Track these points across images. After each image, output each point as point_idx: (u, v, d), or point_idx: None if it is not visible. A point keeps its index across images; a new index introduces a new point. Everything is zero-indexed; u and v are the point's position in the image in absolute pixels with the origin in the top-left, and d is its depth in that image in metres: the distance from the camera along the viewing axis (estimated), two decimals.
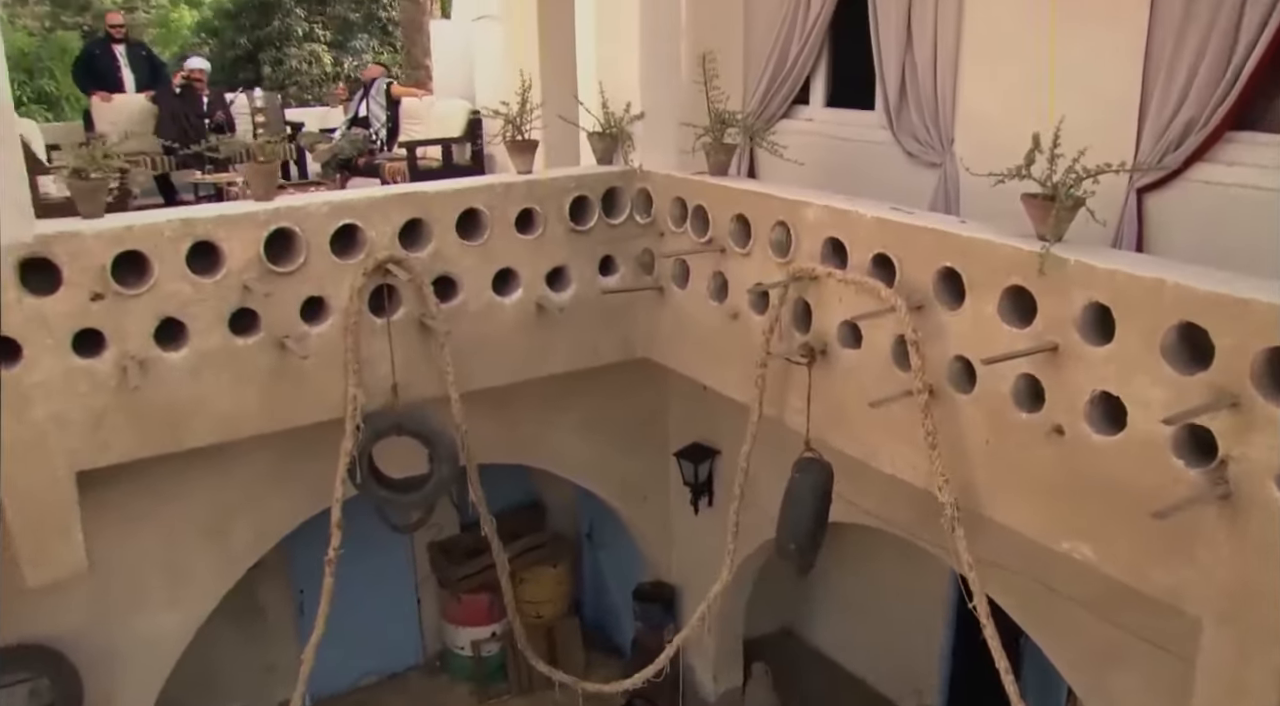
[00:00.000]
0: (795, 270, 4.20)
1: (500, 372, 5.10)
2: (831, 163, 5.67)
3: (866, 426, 4.08)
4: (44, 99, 15.29)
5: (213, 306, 4.33)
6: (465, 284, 4.88)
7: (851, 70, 5.83)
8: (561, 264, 5.13)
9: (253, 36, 21.66)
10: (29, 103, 14.72)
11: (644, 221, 5.24)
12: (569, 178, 5.07)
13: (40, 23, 23.16)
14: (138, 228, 4.15)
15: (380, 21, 22.07)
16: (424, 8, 14.68)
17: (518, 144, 5.04)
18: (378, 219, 4.59)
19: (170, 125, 9.35)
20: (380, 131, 9.26)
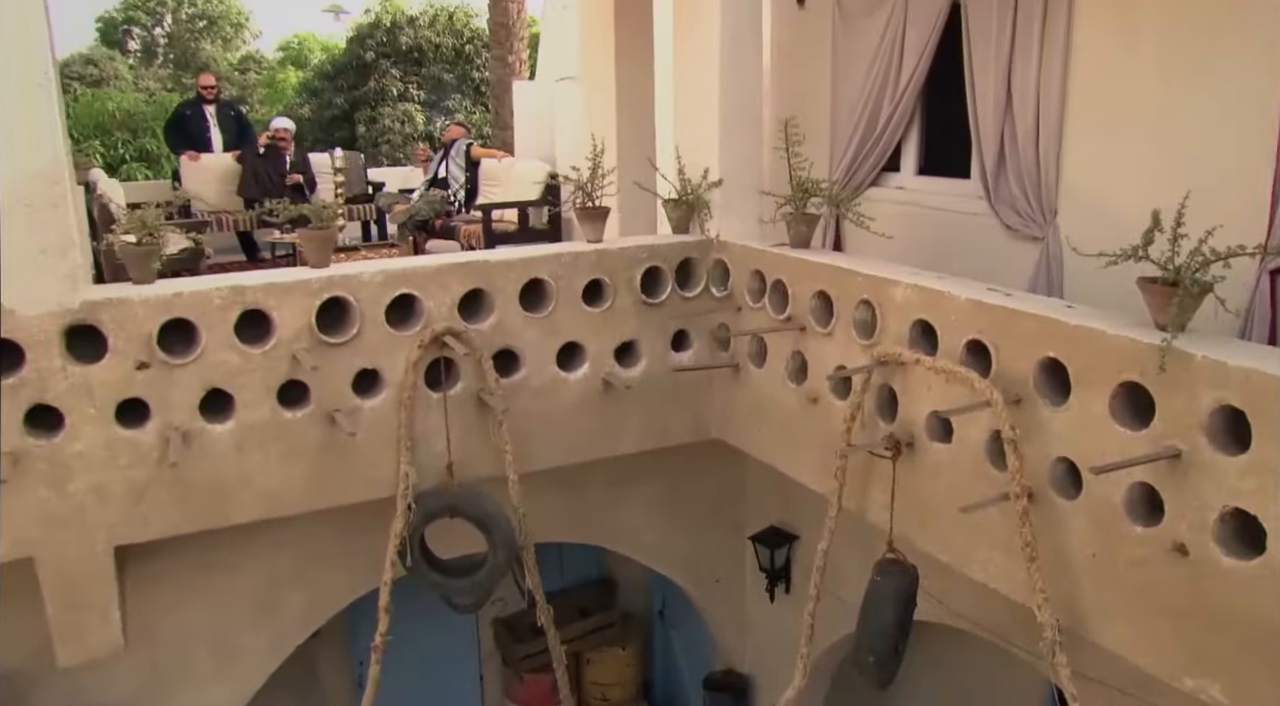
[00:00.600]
0: (880, 354, 3.86)
1: (562, 452, 4.84)
2: (922, 235, 5.33)
3: (956, 528, 3.69)
4: (145, 157, 15.76)
5: (261, 377, 4.16)
6: (528, 358, 4.64)
7: (946, 136, 5.52)
8: (631, 338, 4.86)
9: (349, 96, 22.23)
10: (131, 161, 15.17)
11: (720, 295, 4.96)
12: (641, 247, 4.82)
13: (162, 84, 24.14)
14: (186, 295, 4.00)
15: (473, 82, 22.44)
16: (513, 69, 14.75)
17: (588, 211, 4.82)
18: (436, 289, 4.39)
19: (252, 184, 9.42)
20: (459, 193, 9.19)
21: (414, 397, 4.39)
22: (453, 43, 22.39)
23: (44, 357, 3.84)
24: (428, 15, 22.39)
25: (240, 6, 28.12)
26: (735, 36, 4.83)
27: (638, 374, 4.90)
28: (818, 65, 6.11)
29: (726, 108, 4.90)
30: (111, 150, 15.17)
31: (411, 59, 22.29)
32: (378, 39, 22.06)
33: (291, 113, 22.45)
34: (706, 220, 4.98)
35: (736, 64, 4.88)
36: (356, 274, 4.27)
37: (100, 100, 16.47)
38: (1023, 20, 4.67)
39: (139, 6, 27.36)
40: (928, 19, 5.19)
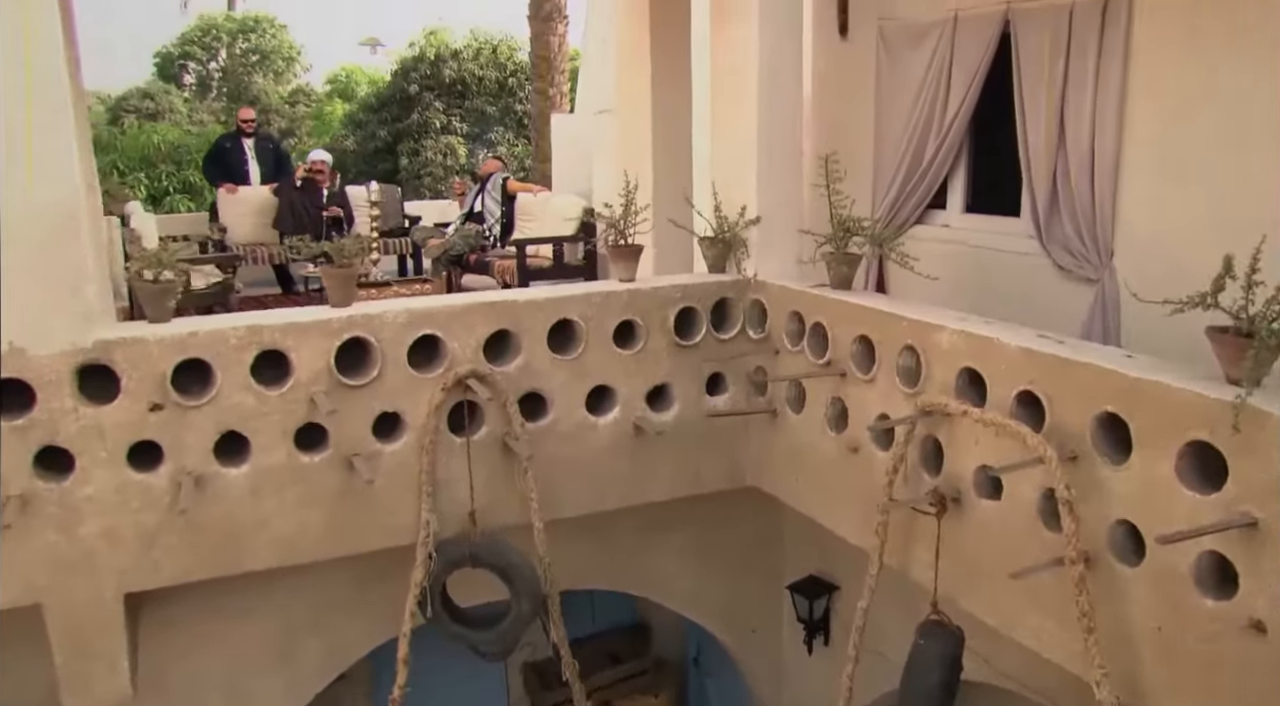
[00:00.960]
0: (925, 404, 3.64)
1: (591, 500, 4.66)
2: (970, 275, 5.12)
3: (1005, 591, 3.45)
4: (188, 189, 15.91)
5: (278, 420, 4.03)
6: (556, 401, 4.48)
7: (994, 173, 5.32)
8: (664, 382, 4.69)
9: (392, 129, 22.36)
10: (175, 193, 15.33)
11: (757, 337, 4.77)
12: (674, 287, 4.65)
13: (215, 116, 24.62)
14: (202, 334, 3.89)
15: (516, 115, 22.48)
16: (554, 102, 14.73)
17: (620, 249, 4.66)
18: (460, 329, 4.25)
19: (288, 217, 9.39)
20: (494, 227, 9.08)
21: (436, 442, 4.25)
22: (496, 76, 22.46)
23: (55, 398, 3.73)
24: (472, 48, 22.49)
25: (292, 41, 28.54)
26: (774, 68, 4.67)
27: (670, 418, 4.72)
28: (860, 98, 5.94)
29: (765, 142, 4.73)
30: (156, 182, 15.31)
31: (455, 92, 22.37)
32: (421, 72, 22.18)
33: (336, 145, 22.67)
34: (743, 259, 4.80)
35: (775, 97, 4.71)
36: (378, 313, 4.13)
37: (146, 133, 16.67)
38: (1076, 51, 4.48)
39: (195, 42, 27.96)
40: (976, 50, 5.01)
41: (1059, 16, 4.56)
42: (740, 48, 4.74)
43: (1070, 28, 4.50)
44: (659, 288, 4.63)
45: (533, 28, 14.84)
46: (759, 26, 4.62)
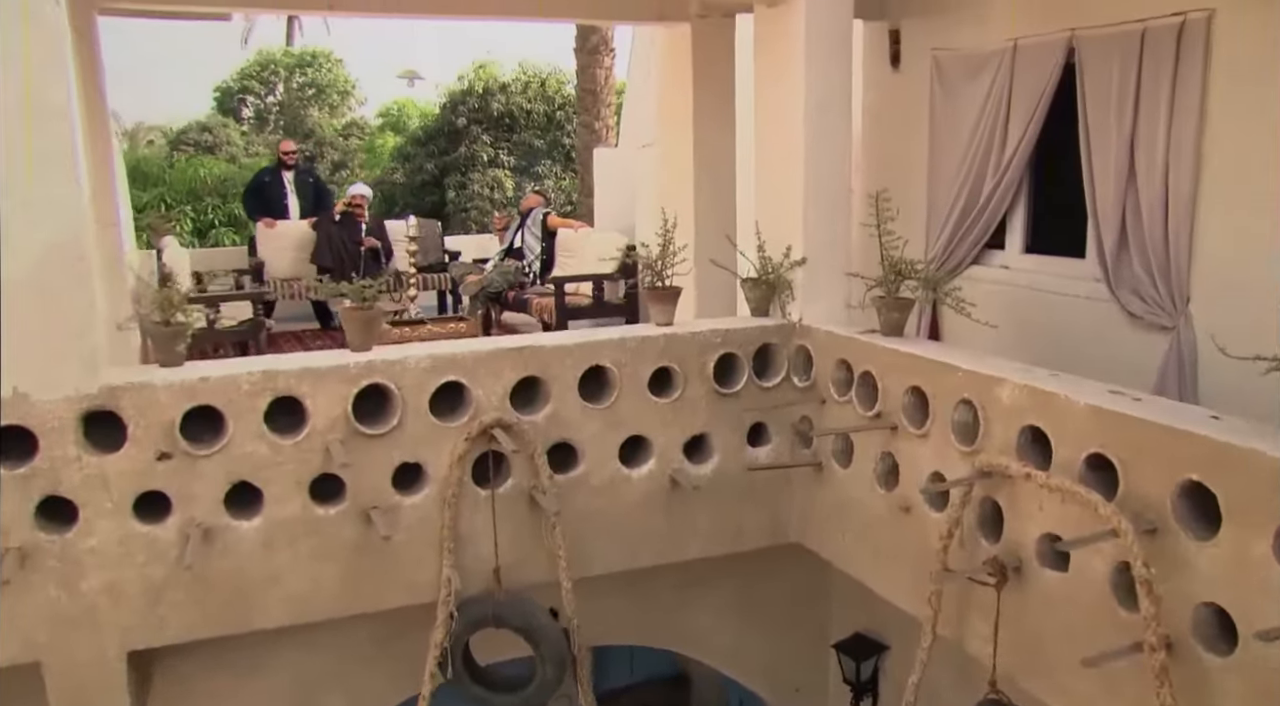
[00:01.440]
0: (983, 464, 3.36)
1: (623, 557, 4.42)
2: (1030, 320, 4.83)
3: (1073, 675, 3.14)
4: (233, 222, 16.00)
5: (292, 470, 3.84)
6: (587, 453, 4.25)
7: (1057, 211, 5.03)
8: (702, 432, 4.44)
9: (440, 162, 22.35)
10: (220, 226, 15.41)
11: (802, 385, 4.51)
12: (714, 332, 4.41)
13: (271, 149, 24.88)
14: (213, 380, 3.71)
15: (564, 148, 22.39)
16: (600, 136, 14.61)
17: (657, 292, 4.43)
18: (486, 376, 4.04)
19: (326, 251, 9.30)
20: (534, 264, 8.91)
21: (459, 495, 4.04)
22: (544, 109, 22.39)
23: (58, 446, 3.58)
24: (520, 82, 22.47)
25: (347, 75, 28.77)
26: (823, 101, 4.44)
27: (709, 471, 4.47)
28: (913, 132, 5.70)
29: (812, 179, 4.49)
30: (202, 215, 15.40)
31: (503, 125, 22.33)
32: (470, 105, 22.17)
33: (385, 177, 22.75)
34: (788, 302, 4.56)
35: (823, 131, 4.48)
36: (399, 359, 3.94)
37: (194, 166, 16.81)
38: (1149, 79, 4.20)
39: (254, 76, 28.30)
40: (1037, 81, 4.74)
41: (1129, 42, 4.29)
42: (787, 80, 4.52)
43: (1141, 54, 4.23)
44: (698, 332, 4.40)
45: (579, 60, 14.75)
46: (806, 57, 4.40)
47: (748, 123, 4.98)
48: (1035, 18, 4.83)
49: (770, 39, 4.64)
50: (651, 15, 5.63)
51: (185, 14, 7.65)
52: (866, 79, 5.92)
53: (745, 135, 5.17)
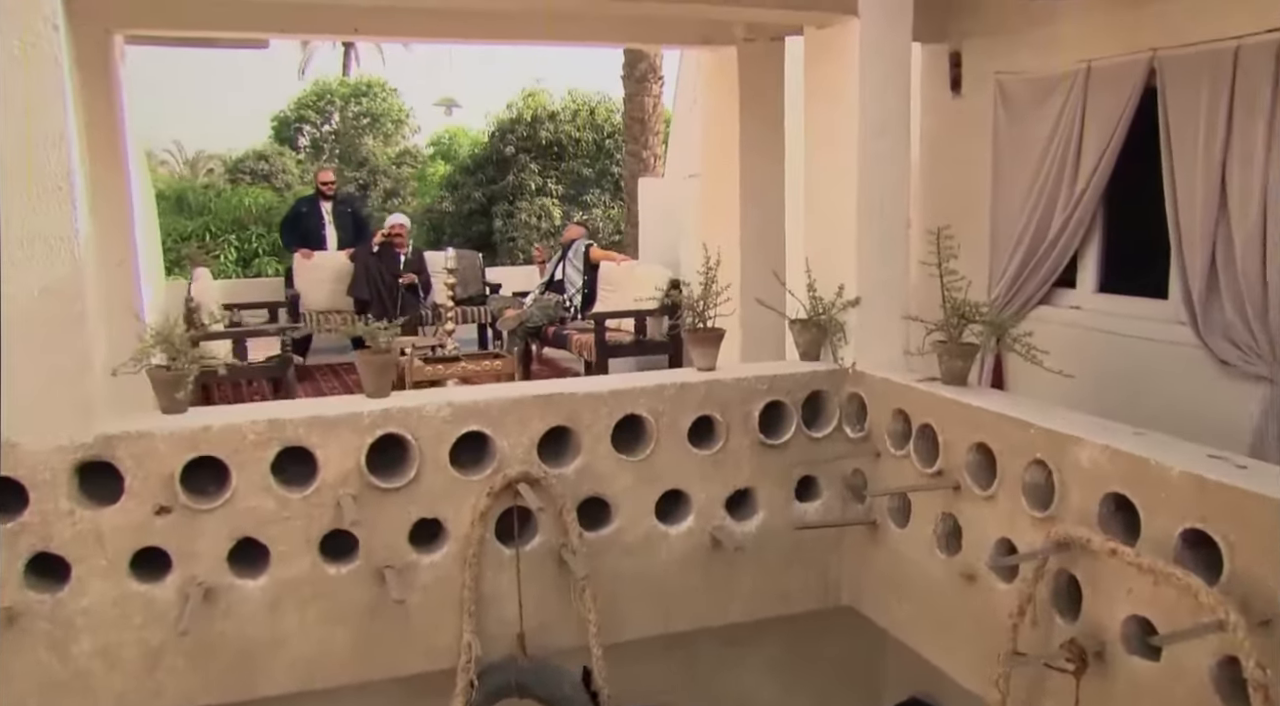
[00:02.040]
0: (1059, 536, 3.01)
1: (658, 621, 4.12)
2: (1106, 367, 4.47)
3: None
4: (277, 251, 15.97)
5: (300, 526, 3.59)
6: (620, 508, 3.96)
7: (1135, 246, 4.67)
8: (746, 486, 4.14)
9: (488, 190, 22.32)
10: (263, 255, 15.39)
11: (856, 436, 4.19)
12: (760, 378, 4.11)
13: None
14: (216, 429, 3.47)
15: (613, 177, 22.27)
16: (647, 165, 14.40)
17: (699, 334, 4.14)
18: (511, 426, 3.77)
19: (363, 284, 9.12)
20: (575, 298, 8.64)
21: (481, 554, 3.76)
22: (593, 137, 22.32)
23: (49, 499, 3.35)
24: (569, 110, 22.41)
25: (401, 104, 29.32)
26: (879, 128, 4.14)
27: (753, 529, 4.16)
28: (975, 162, 5.37)
29: (867, 213, 4.19)
30: (246, 244, 15.38)
31: (551, 153, 22.28)
32: (518, 133, 22.15)
33: (433, 206, 22.81)
34: (840, 346, 4.24)
35: (879, 160, 4.18)
36: (417, 406, 3.68)
37: (239, 195, 16.85)
38: (1242, 102, 3.85)
39: (310, 106, 28.99)
40: (1114, 105, 4.41)
41: (1219, 62, 3.94)
42: (840, 106, 4.23)
43: (1235, 74, 3.87)
44: (742, 378, 4.10)
45: (626, 88, 14.58)
46: (861, 81, 4.11)
47: (797, 152, 4.69)
48: (1112, 37, 4.49)
49: (822, 62, 4.35)
50: (696, 39, 5.37)
51: (212, 41, 7.55)
52: (924, 105, 5.61)
53: (794, 165, 4.88)
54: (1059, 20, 4.81)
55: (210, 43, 7.88)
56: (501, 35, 5.34)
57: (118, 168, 4.51)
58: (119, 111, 4.56)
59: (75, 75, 3.48)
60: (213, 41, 7.84)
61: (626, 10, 4.04)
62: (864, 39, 4.10)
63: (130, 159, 5.09)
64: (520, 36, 5.37)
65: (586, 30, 5.35)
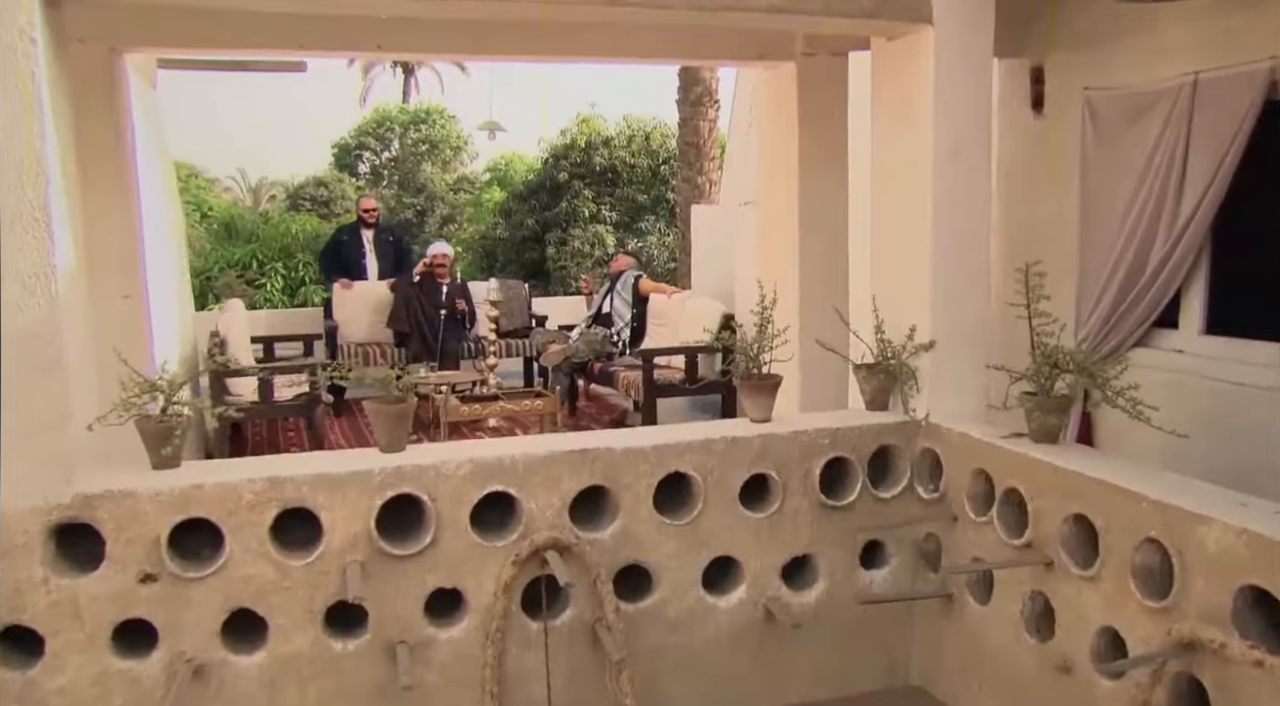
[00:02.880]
0: (1184, 636, 2.55)
1: (704, 701, 3.67)
2: (1214, 419, 3.99)
3: None
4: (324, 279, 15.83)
5: (302, 596, 3.23)
6: (663, 578, 3.56)
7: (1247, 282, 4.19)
8: (805, 553, 3.73)
9: (541, 217, 22.14)
10: (310, 283, 15.22)
11: (929, 497, 3.75)
12: (822, 431, 3.69)
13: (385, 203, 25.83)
14: (209, 488, 3.13)
15: (668, 204, 21.99)
16: (703, 192, 14.03)
17: (752, 383, 3.73)
18: (540, 485, 3.39)
19: (403, 315, 8.81)
20: (624, 332, 8.24)
21: (505, 629, 3.39)
22: (648, 163, 22.07)
23: (22, 566, 3.03)
24: (624, 135, 22.19)
25: (460, 131, 29.85)
26: (956, 150, 3.73)
27: (812, 601, 3.74)
28: (1060, 188, 4.92)
29: (943, 244, 3.77)
30: (293, 272, 15.24)
31: (605, 180, 22.06)
32: (572, 160, 21.97)
33: (487, 233, 22.74)
34: (912, 395, 3.82)
35: (957, 186, 3.77)
36: (434, 464, 3.31)
37: (285, 222, 16.74)
38: None
39: (370, 133, 29.71)
40: (1226, 124, 3.95)
41: None
42: (912, 125, 3.83)
43: None
44: (801, 431, 3.68)
45: (681, 112, 14.25)
46: (936, 98, 3.71)
47: (863, 176, 4.28)
48: (1224, 45, 4.03)
49: (891, 78, 3.95)
50: (753, 54, 4.98)
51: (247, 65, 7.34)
52: (1002, 125, 5.16)
53: (859, 191, 4.46)
54: (1159, 28, 4.35)
55: (246, 67, 7.68)
56: (549, 53, 4.98)
57: (126, 195, 4.22)
58: (128, 135, 4.27)
59: (65, 95, 3.18)
60: (248, 65, 7.64)
61: (681, 21, 3.66)
62: (939, 51, 3.70)
63: (144, 185, 4.81)
64: (570, 54, 5.00)
65: (639, 47, 4.97)
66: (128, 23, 4.04)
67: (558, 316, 9.63)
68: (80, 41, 3.94)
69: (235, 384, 6.45)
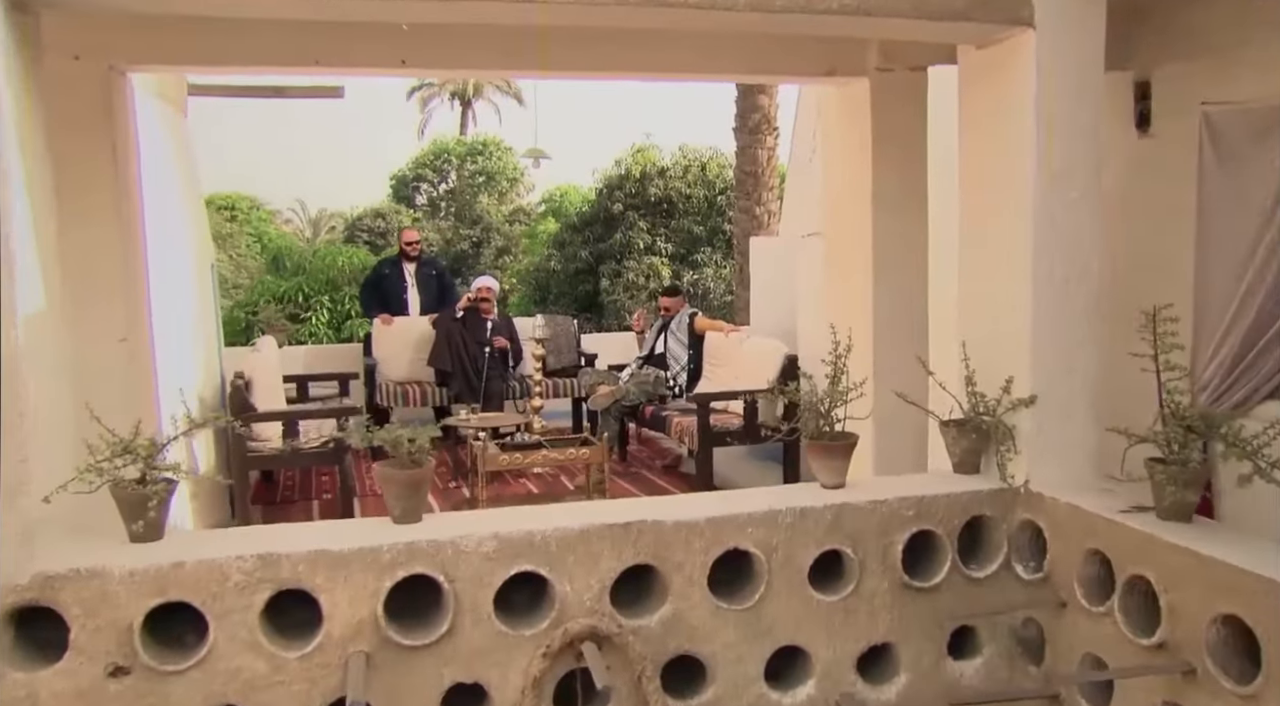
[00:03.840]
0: None
1: None
2: None
3: None
4: None
5: (299, 692, 2.82)
6: (720, 671, 3.10)
7: None
8: (884, 641, 3.25)
9: (594, 249, 21.91)
10: (356, 317, 14.95)
11: (1030, 578, 3.25)
12: (904, 500, 3.21)
13: (441, 234, 26.77)
14: (191, 566, 2.73)
15: (724, 235, 21.64)
16: (761, 222, 13.57)
17: (824, 444, 3.25)
18: (576, 564, 2.94)
19: (444, 352, 8.41)
20: (679, 374, 7.76)
21: None
22: (704, 194, 21.80)
23: None
24: (679, 165, 21.92)
25: (517, 162, 30.10)
26: (1061, 170, 3.27)
27: (893, 696, 3.25)
28: (1172, 216, 4.41)
29: (1046, 282, 3.29)
30: (339, 305, 14.99)
31: (661, 210, 21.78)
32: (626, 190, 21.73)
33: (540, 265, 22.60)
34: (1009, 459, 3.32)
35: (1063, 215, 3.30)
36: (453, 539, 2.88)
37: (332, 254, 16.51)
38: None
39: (428, 165, 30.31)
40: None
41: None
42: (1008, 148, 3.35)
43: None
44: (881, 501, 3.20)
45: (739, 140, 13.85)
46: (1037, 115, 3.24)
47: (947, 205, 3.80)
48: None
49: (982, 91, 3.48)
50: (821, 70, 4.51)
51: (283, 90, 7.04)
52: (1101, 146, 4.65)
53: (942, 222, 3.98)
54: None
55: (281, 92, 7.39)
56: (592, 68, 4.55)
57: (127, 226, 3.85)
58: (131, 161, 3.92)
59: (37, 112, 2.82)
60: (283, 91, 7.35)
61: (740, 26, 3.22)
62: (1041, 59, 3.23)
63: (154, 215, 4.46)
64: (615, 69, 4.57)
65: (693, 61, 4.54)
66: (128, 39, 3.69)
67: (608, 355, 9.19)
68: (76, 58, 3.61)
69: (261, 429, 6.08)
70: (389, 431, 2.89)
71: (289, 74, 4.09)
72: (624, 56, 4.38)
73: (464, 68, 4.17)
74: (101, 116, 3.67)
